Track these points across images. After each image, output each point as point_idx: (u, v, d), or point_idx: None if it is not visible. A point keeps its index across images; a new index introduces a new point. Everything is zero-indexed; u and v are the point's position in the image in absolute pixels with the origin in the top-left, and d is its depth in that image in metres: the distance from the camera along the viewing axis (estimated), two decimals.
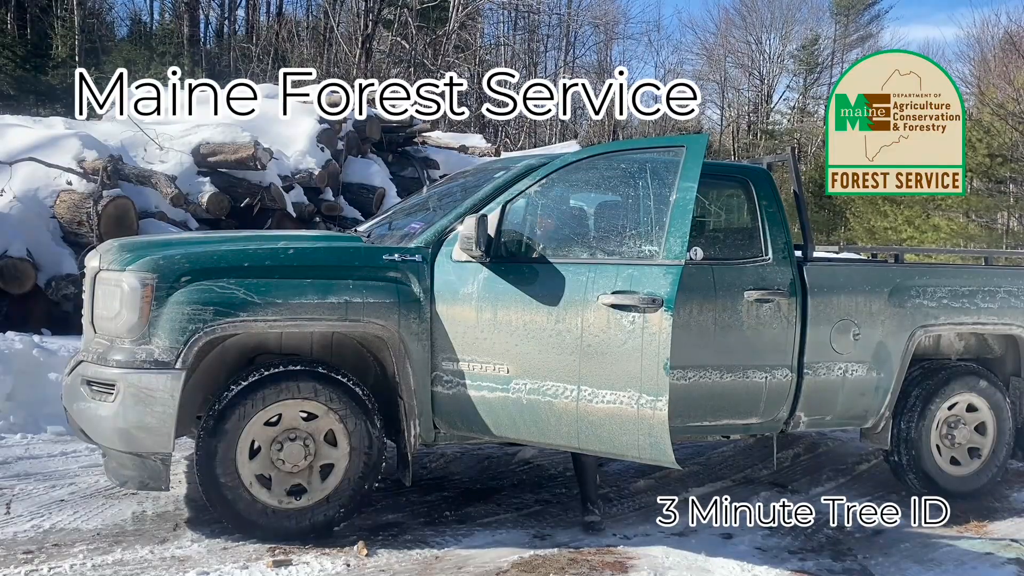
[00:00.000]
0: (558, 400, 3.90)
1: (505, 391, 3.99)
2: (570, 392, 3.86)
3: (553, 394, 3.90)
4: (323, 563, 3.81)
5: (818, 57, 42.39)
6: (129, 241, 4.42)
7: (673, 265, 3.75)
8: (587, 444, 3.95)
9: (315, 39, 24.28)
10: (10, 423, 5.63)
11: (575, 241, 4.27)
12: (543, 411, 3.94)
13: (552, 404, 3.91)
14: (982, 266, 5.89)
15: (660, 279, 3.75)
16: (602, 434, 3.85)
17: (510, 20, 31.82)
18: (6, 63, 19.95)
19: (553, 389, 3.90)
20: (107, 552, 3.83)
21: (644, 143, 5.54)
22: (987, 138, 22.93)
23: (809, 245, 4.97)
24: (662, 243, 3.84)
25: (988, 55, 29.22)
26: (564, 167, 4.24)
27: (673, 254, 3.78)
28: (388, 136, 11.60)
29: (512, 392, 3.98)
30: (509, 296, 4.00)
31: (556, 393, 3.90)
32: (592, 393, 3.83)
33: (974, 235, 23.53)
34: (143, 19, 30.23)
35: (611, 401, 3.80)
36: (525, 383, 3.95)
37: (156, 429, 3.76)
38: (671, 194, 3.89)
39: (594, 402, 3.83)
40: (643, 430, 3.77)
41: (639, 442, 3.80)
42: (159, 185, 7.99)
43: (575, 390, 3.85)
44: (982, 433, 5.29)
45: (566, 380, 3.87)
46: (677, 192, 3.87)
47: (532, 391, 3.94)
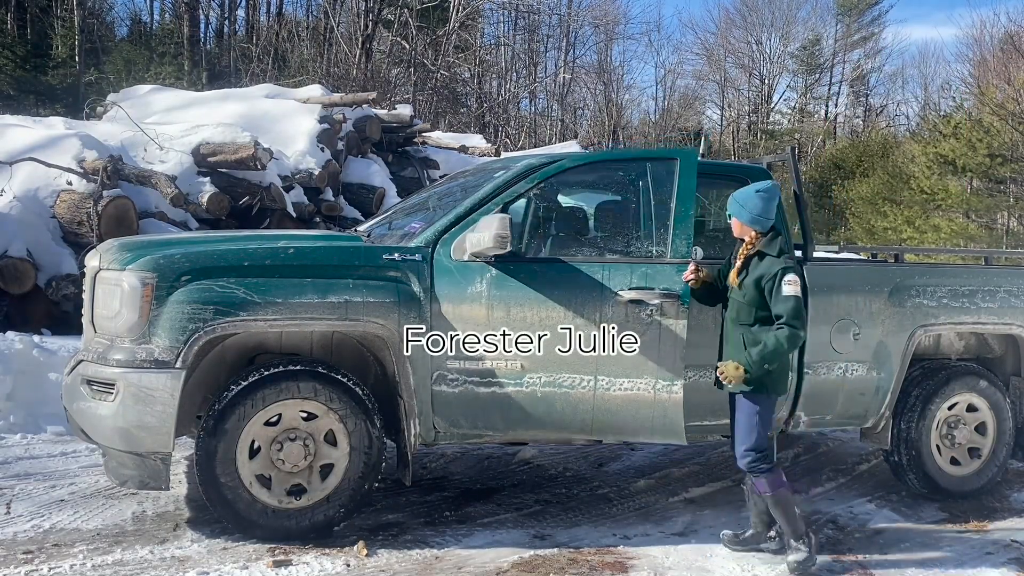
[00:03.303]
0: (575, 391, 4.18)
1: (519, 386, 4.15)
2: (587, 382, 4.18)
3: (570, 385, 4.17)
4: (323, 563, 3.81)
5: (819, 57, 42.40)
6: (129, 241, 4.42)
7: (683, 263, 4.21)
8: (599, 430, 4.28)
9: (315, 39, 24.25)
10: (10, 423, 5.63)
11: (585, 241, 4.53)
12: (559, 402, 4.18)
13: (568, 395, 4.18)
14: (982, 266, 5.89)
15: (674, 275, 4.17)
16: (616, 419, 4.22)
17: (510, 20, 31.82)
18: (6, 63, 19.94)
19: (570, 381, 4.17)
20: (107, 552, 3.83)
21: (640, 153, 5.65)
22: (987, 138, 22.93)
23: (809, 245, 4.97)
24: (668, 244, 4.28)
25: (987, 55, 29.21)
26: (564, 171, 4.43)
27: (680, 253, 4.25)
28: (388, 136, 11.59)
29: (526, 386, 4.16)
30: (523, 294, 4.14)
31: (573, 384, 4.17)
32: (609, 382, 4.18)
33: (974, 235, 23.52)
34: (143, 19, 30.29)
35: (628, 388, 4.19)
36: (540, 377, 4.16)
37: (156, 428, 3.76)
38: (671, 200, 4.31)
39: (611, 390, 4.19)
40: (658, 412, 4.21)
41: (653, 423, 4.24)
42: (159, 185, 7.99)
43: (592, 380, 4.17)
44: (982, 433, 5.28)
45: (583, 372, 4.16)
46: (676, 199, 4.31)
47: (547, 384, 4.16)
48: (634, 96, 40.18)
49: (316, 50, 23.28)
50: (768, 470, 3.94)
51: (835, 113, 43.30)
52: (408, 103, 16.22)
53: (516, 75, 31.71)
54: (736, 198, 4.03)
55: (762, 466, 3.93)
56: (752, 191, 4.02)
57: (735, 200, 4.03)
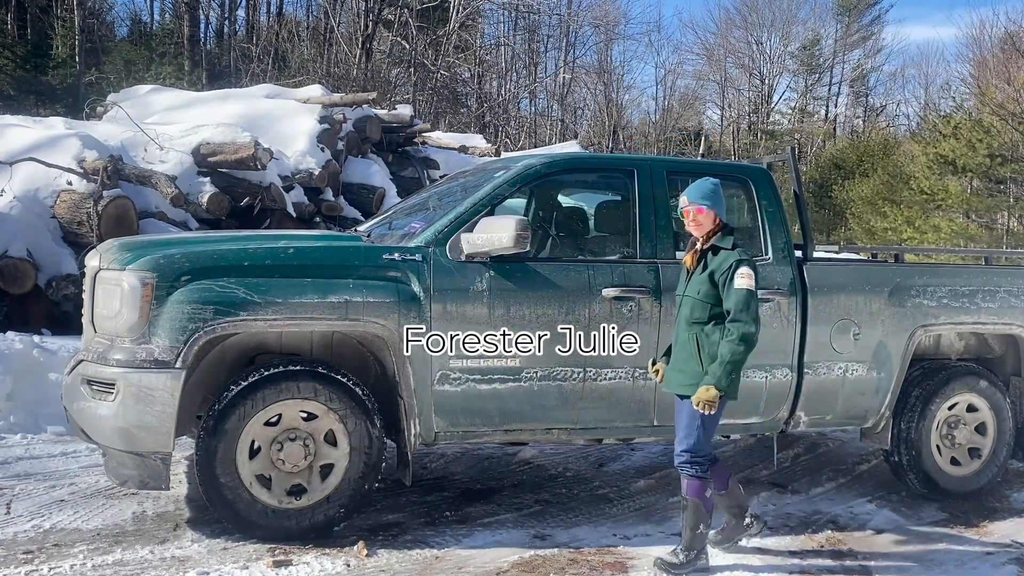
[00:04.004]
0: (567, 383, 4.33)
1: (517, 381, 4.24)
2: (577, 374, 4.33)
3: (563, 378, 4.32)
4: (323, 563, 3.81)
5: (819, 57, 42.40)
6: (129, 241, 4.42)
7: (653, 263, 4.48)
8: (585, 420, 4.44)
9: (315, 39, 24.24)
10: (10, 423, 5.63)
11: (574, 242, 4.67)
12: (552, 395, 4.33)
13: (561, 387, 4.33)
14: (982, 266, 5.89)
15: (646, 273, 4.42)
16: (600, 409, 4.42)
17: (510, 20, 31.81)
18: (6, 63, 19.92)
19: (563, 374, 4.32)
20: (107, 552, 3.83)
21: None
22: (987, 138, 22.89)
23: (809, 245, 4.97)
24: (637, 246, 4.52)
25: (987, 55, 29.19)
26: (540, 178, 4.59)
27: (647, 255, 4.51)
28: (388, 136, 11.59)
29: (524, 381, 4.27)
30: (521, 292, 4.22)
31: (566, 377, 4.32)
32: (596, 373, 4.37)
33: (974, 235, 23.50)
34: (143, 19, 30.24)
35: (612, 378, 4.40)
36: (536, 371, 4.28)
37: (156, 428, 3.76)
38: (635, 207, 4.55)
39: (598, 380, 4.38)
40: (635, 398, 4.46)
41: (630, 408, 4.48)
42: (159, 185, 7.99)
43: (581, 372, 4.33)
44: (982, 433, 5.28)
45: (573, 365, 4.31)
46: (638, 205, 4.55)
47: (543, 378, 4.29)
48: (634, 96, 40.22)
49: (316, 50, 23.27)
50: (697, 476, 3.89)
51: (835, 113, 43.32)
52: (408, 103, 16.23)
53: (516, 75, 31.73)
54: (699, 190, 3.93)
55: (693, 470, 3.88)
56: (709, 183, 3.97)
57: (698, 192, 3.93)
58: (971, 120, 24.20)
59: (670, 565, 3.92)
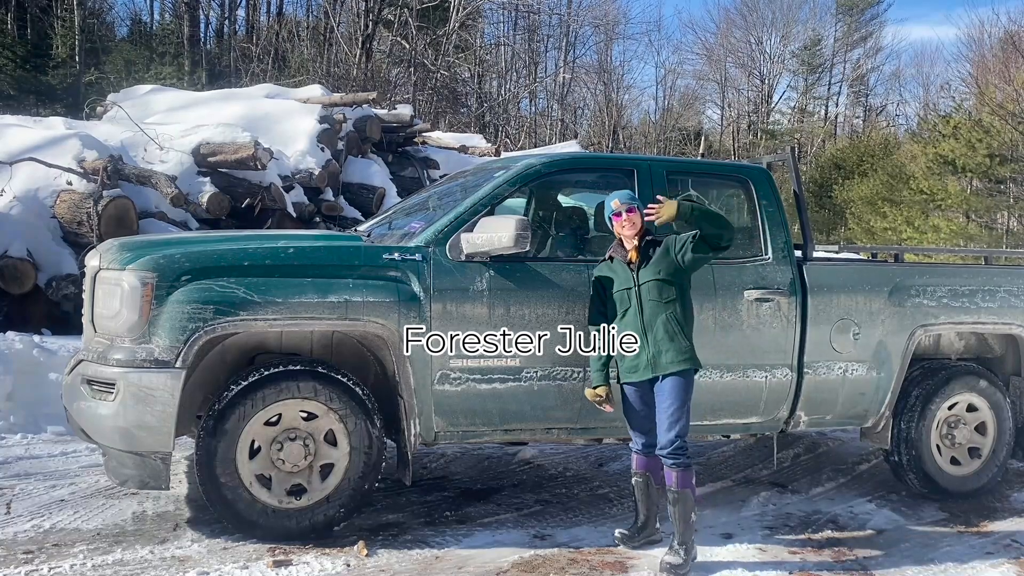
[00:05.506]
0: (567, 383, 4.33)
1: (517, 380, 4.24)
2: (576, 373, 4.32)
3: (563, 378, 4.32)
4: (323, 563, 3.81)
5: (819, 57, 42.39)
6: (129, 240, 4.42)
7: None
8: (585, 420, 4.42)
9: (315, 39, 24.24)
10: (10, 423, 5.63)
11: (574, 242, 4.68)
12: (552, 394, 4.33)
13: (561, 387, 4.33)
14: (982, 266, 5.89)
15: None
16: (600, 409, 4.27)
17: (510, 20, 31.81)
18: (6, 63, 19.91)
19: (562, 373, 4.33)
20: (107, 552, 3.83)
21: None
22: (987, 138, 22.90)
23: (809, 245, 4.97)
24: None
25: (987, 55, 29.21)
26: (540, 178, 4.59)
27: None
28: (388, 136, 11.59)
29: (524, 380, 4.27)
30: (521, 292, 4.23)
31: (565, 376, 4.33)
32: None
33: (974, 235, 23.51)
34: (143, 19, 30.24)
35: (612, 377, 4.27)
36: (536, 371, 4.28)
37: (156, 428, 3.76)
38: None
39: None
40: None
41: None
42: (159, 185, 7.99)
43: (580, 371, 4.31)
44: (982, 433, 5.29)
45: (572, 364, 4.31)
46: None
47: (543, 377, 4.30)
48: (634, 96, 40.21)
49: (316, 50, 23.27)
50: (685, 464, 3.93)
51: (835, 113, 43.33)
52: (408, 103, 16.22)
53: (516, 75, 31.73)
54: (626, 195, 4.12)
55: (683, 458, 3.92)
56: (627, 193, 4.16)
57: (625, 196, 4.10)
58: (971, 120, 24.22)
59: (674, 566, 3.92)
